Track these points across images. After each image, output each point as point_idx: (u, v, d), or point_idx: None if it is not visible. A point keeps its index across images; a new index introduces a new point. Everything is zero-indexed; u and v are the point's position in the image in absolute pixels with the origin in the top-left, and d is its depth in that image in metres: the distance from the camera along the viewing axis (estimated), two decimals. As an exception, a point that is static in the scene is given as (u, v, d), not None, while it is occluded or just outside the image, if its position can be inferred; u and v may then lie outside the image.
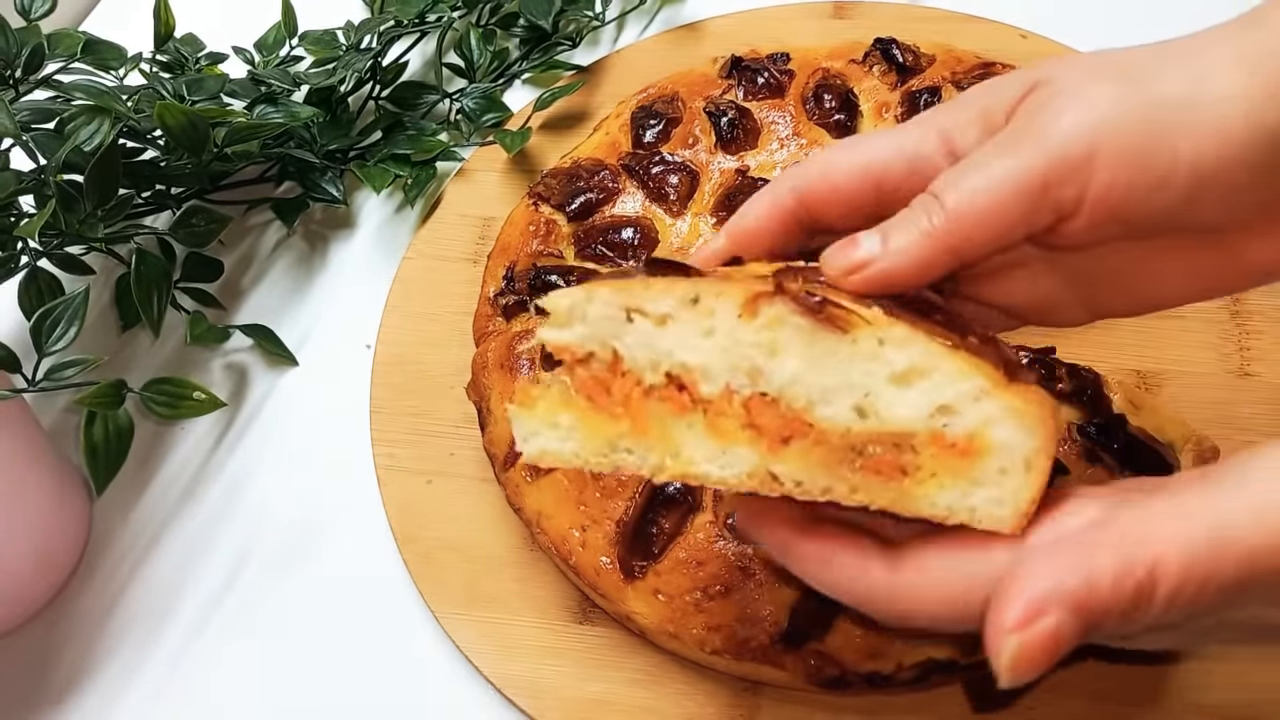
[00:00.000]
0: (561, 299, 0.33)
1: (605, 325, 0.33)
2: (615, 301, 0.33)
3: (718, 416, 0.33)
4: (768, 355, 0.32)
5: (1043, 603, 0.27)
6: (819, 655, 0.44)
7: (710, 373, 0.33)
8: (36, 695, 0.52)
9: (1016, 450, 0.31)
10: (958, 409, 0.31)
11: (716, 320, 0.32)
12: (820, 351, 0.32)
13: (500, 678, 0.49)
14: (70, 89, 0.58)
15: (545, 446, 0.34)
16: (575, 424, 0.34)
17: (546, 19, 0.71)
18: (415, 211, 0.66)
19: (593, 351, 0.34)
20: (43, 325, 0.52)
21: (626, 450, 0.34)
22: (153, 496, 0.58)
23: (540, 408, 0.34)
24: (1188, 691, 0.45)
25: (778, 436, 0.32)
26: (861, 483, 0.32)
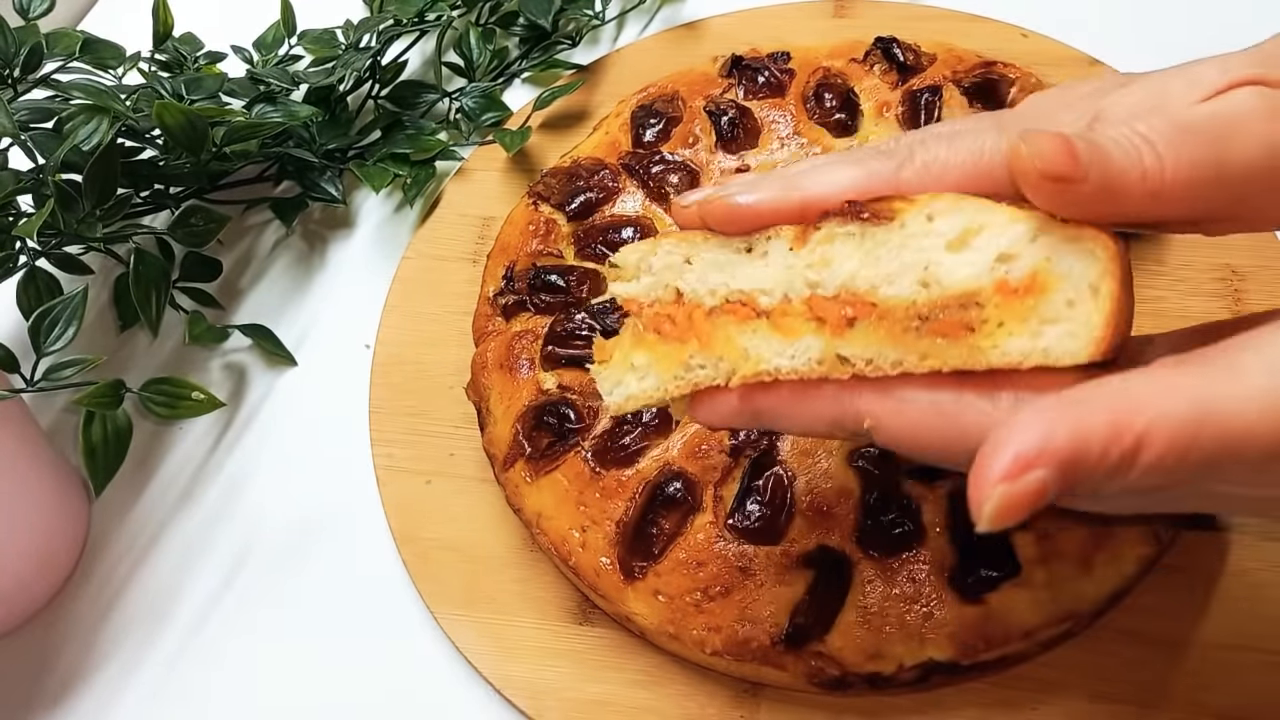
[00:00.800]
0: (630, 254, 0.36)
1: (668, 273, 0.36)
2: (678, 251, 0.36)
3: (781, 317, 0.34)
4: (822, 268, 0.33)
5: (1032, 458, 0.27)
6: (819, 656, 0.44)
7: (768, 290, 0.34)
8: (35, 696, 0.52)
9: (1080, 278, 0.31)
10: (1017, 253, 0.31)
11: (771, 258, 0.34)
12: (873, 246, 0.33)
13: (500, 678, 0.49)
14: (69, 88, 0.58)
15: (629, 391, 0.36)
16: (649, 360, 0.36)
17: (546, 18, 0.71)
18: (414, 211, 0.66)
19: (657, 296, 0.36)
20: (41, 325, 0.52)
21: (699, 366, 0.35)
22: (151, 496, 0.57)
23: (616, 356, 0.36)
24: (1188, 691, 0.45)
25: (841, 320, 0.33)
26: (931, 348, 0.32)
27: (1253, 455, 0.28)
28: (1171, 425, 0.28)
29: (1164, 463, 0.28)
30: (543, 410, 0.50)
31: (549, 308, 0.54)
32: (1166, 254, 0.56)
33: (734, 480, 0.47)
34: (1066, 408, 0.28)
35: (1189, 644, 0.46)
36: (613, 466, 0.48)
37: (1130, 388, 0.28)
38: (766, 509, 0.46)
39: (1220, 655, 0.46)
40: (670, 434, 0.49)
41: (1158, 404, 0.28)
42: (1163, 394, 0.28)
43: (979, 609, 0.44)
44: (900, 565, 0.45)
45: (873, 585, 0.45)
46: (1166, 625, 0.47)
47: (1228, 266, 0.55)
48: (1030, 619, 0.44)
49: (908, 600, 0.44)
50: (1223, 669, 0.45)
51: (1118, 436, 0.28)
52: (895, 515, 0.46)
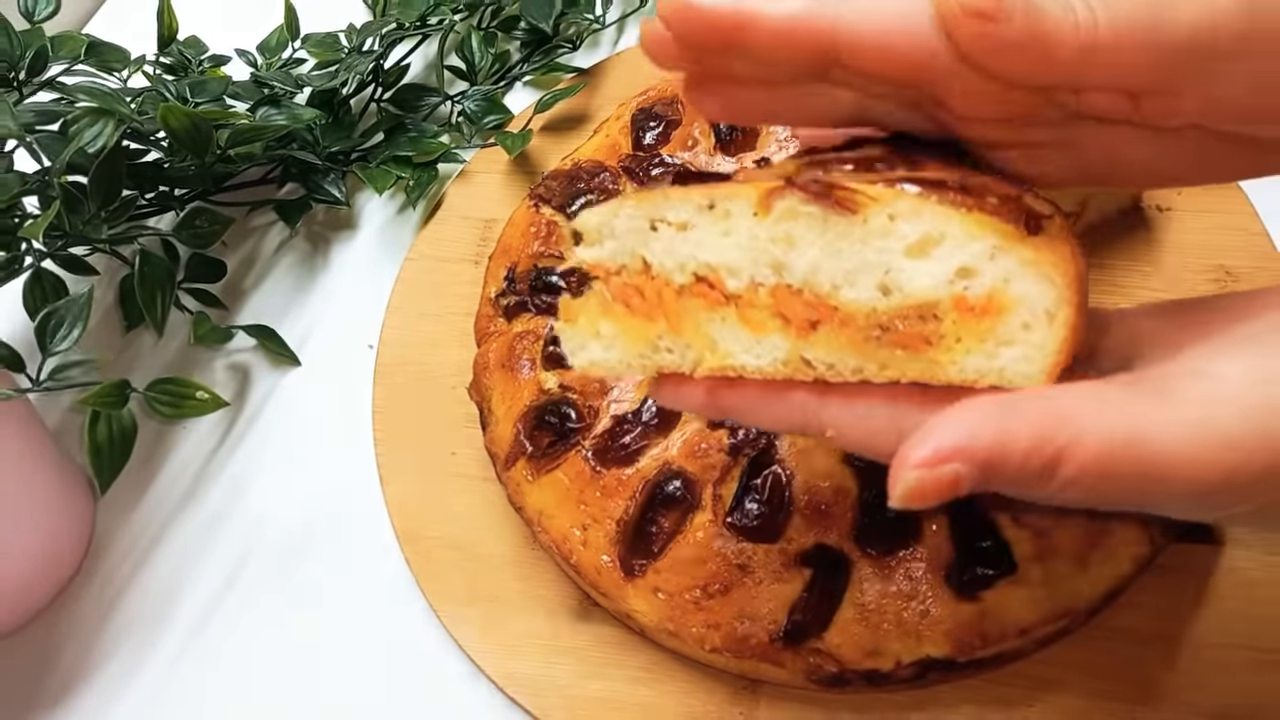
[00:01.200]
0: (591, 217, 0.35)
1: (632, 237, 0.35)
2: (639, 214, 0.35)
3: (748, 308, 0.34)
4: (786, 248, 0.33)
5: (951, 453, 0.28)
6: (817, 653, 0.45)
7: (734, 269, 0.34)
8: (38, 694, 0.52)
9: (1037, 302, 0.31)
10: (976, 270, 0.31)
11: (733, 221, 0.33)
12: (835, 237, 0.32)
13: (502, 676, 0.49)
14: (74, 91, 0.59)
15: (592, 357, 0.36)
16: (616, 332, 0.36)
17: (547, 22, 0.72)
18: (417, 213, 0.67)
19: (624, 264, 0.35)
20: (47, 325, 0.52)
21: (666, 350, 0.35)
22: (156, 495, 0.58)
23: (582, 320, 0.36)
24: (1188, 691, 0.45)
25: (806, 322, 0.33)
26: (890, 358, 0.33)
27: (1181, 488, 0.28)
28: (1094, 445, 0.28)
29: (1084, 480, 0.28)
30: (544, 410, 0.51)
31: (550, 309, 0.55)
32: (1160, 255, 0.57)
33: (733, 479, 0.47)
34: (995, 412, 0.29)
35: (1183, 642, 0.46)
36: (613, 465, 0.49)
37: (1061, 401, 0.29)
38: (765, 507, 0.47)
39: (1214, 653, 0.46)
40: (670, 433, 0.49)
41: (1083, 421, 0.28)
42: (1092, 412, 0.28)
43: (975, 607, 0.44)
44: (897, 563, 0.45)
45: (870, 583, 0.45)
46: (1161, 623, 0.47)
47: (1221, 267, 0.56)
48: (1026, 617, 0.44)
49: (905, 598, 0.44)
50: (1217, 667, 0.46)
51: (1039, 446, 0.28)
52: (892, 513, 0.46)
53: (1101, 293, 0.56)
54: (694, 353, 0.35)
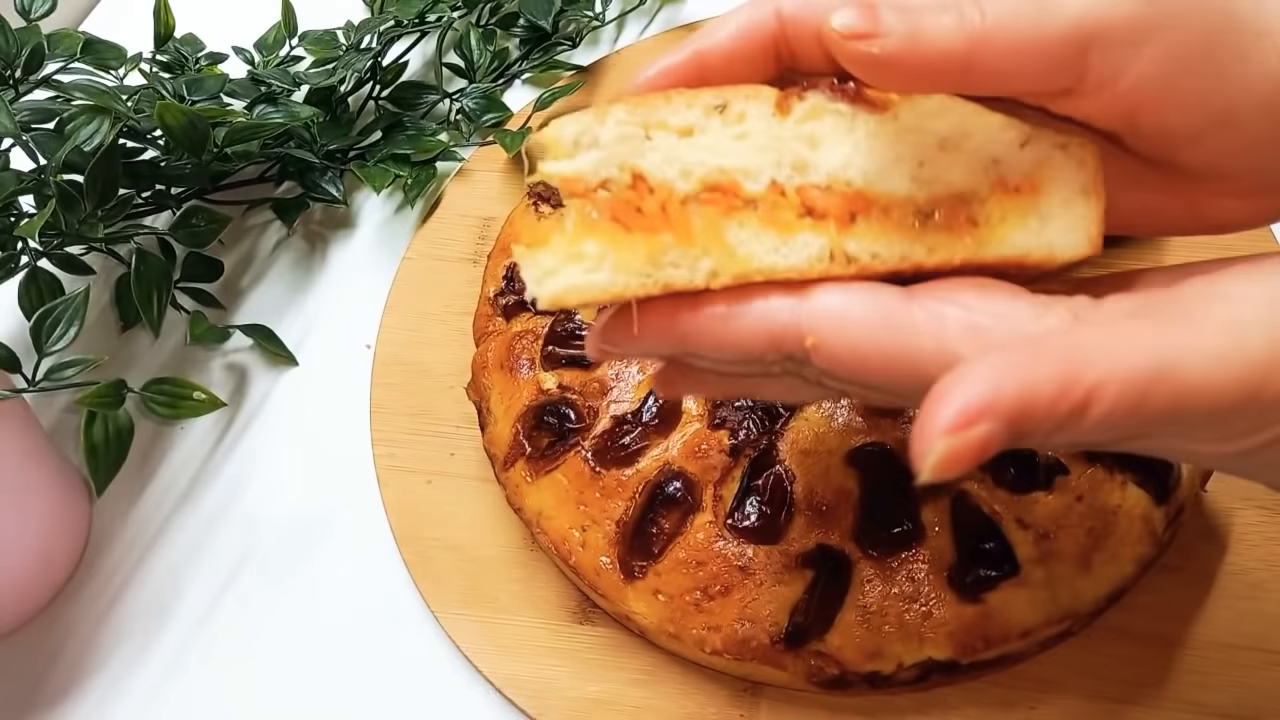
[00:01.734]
0: (567, 126, 0.30)
1: (623, 146, 0.30)
2: (633, 119, 0.30)
3: (771, 210, 0.31)
4: (810, 148, 0.31)
5: (979, 411, 0.27)
6: (819, 655, 0.44)
7: (752, 171, 0.31)
8: (35, 695, 0.52)
9: (1072, 181, 0.31)
10: (1009, 159, 0.31)
11: (749, 124, 0.30)
12: (864, 134, 0.31)
13: (500, 678, 0.49)
14: (70, 89, 0.58)
15: (571, 282, 0.30)
16: (604, 249, 0.30)
17: (546, 19, 0.71)
18: (415, 211, 0.66)
19: (608, 177, 0.30)
20: (43, 325, 0.52)
21: (673, 264, 0.30)
22: (152, 496, 0.58)
23: (556, 241, 0.30)
24: (1188, 691, 0.45)
25: (844, 215, 0.31)
26: (937, 241, 0.31)
27: (1210, 410, 0.27)
28: (1123, 379, 0.27)
29: (1114, 417, 0.27)
30: (543, 410, 0.51)
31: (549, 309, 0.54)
32: (1164, 255, 0.56)
33: (734, 480, 0.47)
34: (1013, 360, 0.27)
35: (1187, 643, 0.46)
36: (613, 466, 0.48)
37: (1083, 339, 0.28)
38: (766, 508, 0.46)
39: (1218, 654, 0.46)
40: (670, 434, 0.49)
41: (1110, 357, 0.27)
42: (1116, 346, 0.27)
43: (978, 608, 0.44)
44: (899, 565, 0.45)
45: (872, 584, 0.45)
46: (1165, 624, 0.47)
47: (1226, 267, 0.55)
48: (1029, 618, 0.44)
49: (907, 599, 0.44)
50: (1221, 668, 0.46)
51: (1066, 390, 0.27)
52: (894, 514, 0.46)
53: (1104, 292, 0.55)
54: (710, 261, 0.30)
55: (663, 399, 0.49)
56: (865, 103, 0.31)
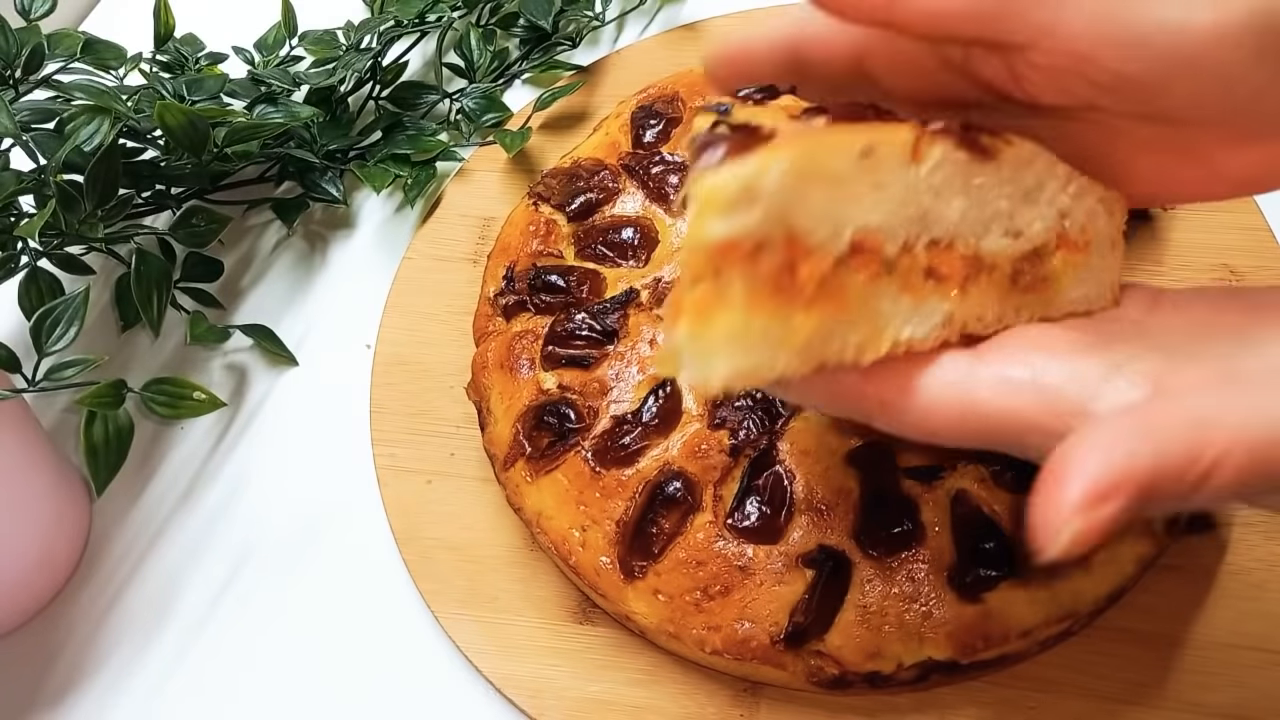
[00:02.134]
0: (730, 178, 0.25)
1: (784, 198, 0.26)
2: (795, 169, 0.26)
3: (906, 274, 0.29)
4: (934, 198, 0.29)
5: (1109, 488, 0.26)
6: (819, 655, 0.44)
7: (891, 229, 0.29)
8: (36, 695, 0.52)
9: (1105, 232, 0.33)
10: (1072, 212, 0.32)
11: (886, 174, 0.28)
12: (976, 184, 0.30)
13: (500, 678, 0.49)
14: (70, 89, 0.58)
15: (739, 364, 0.26)
16: (770, 325, 0.27)
17: (546, 19, 0.71)
18: (415, 211, 0.66)
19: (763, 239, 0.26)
20: (43, 325, 0.52)
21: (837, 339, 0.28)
22: (152, 497, 0.58)
23: (722, 321, 0.26)
24: (1188, 691, 0.45)
25: (961, 278, 0.30)
26: (1023, 301, 0.32)
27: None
28: (1247, 447, 0.27)
29: (1235, 485, 0.27)
30: (543, 410, 0.50)
31: (549, 308, 0.54)
32: (1164, 254, 0.56)
33: (733, 480, 0.47)
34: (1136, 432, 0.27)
35: (1188, 643, 0.46)
36: (613, 466, 0.48)
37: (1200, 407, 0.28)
38: (766, 508, 0.46)
39: (1219, 654, 0.46)
40: (670, 434, 0.49)
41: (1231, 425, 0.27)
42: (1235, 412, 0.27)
43: (978, 608, 0.44)
44: (899, 564, 0.45)
45: (872, 584, 0.45)
46: (1165, 624, 0.47)
47: (1225, 266, 0.55)
48: (1029, 618, 0.44)
49: (907, 599, 0.44)
50: (1222, 668, 0.45)
51: (1193, 463, 0.27)
52: (894, 515, 0.46)
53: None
54: (859, 334, 0.28)
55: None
56: (980, 151, 0.30)
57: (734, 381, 0.27)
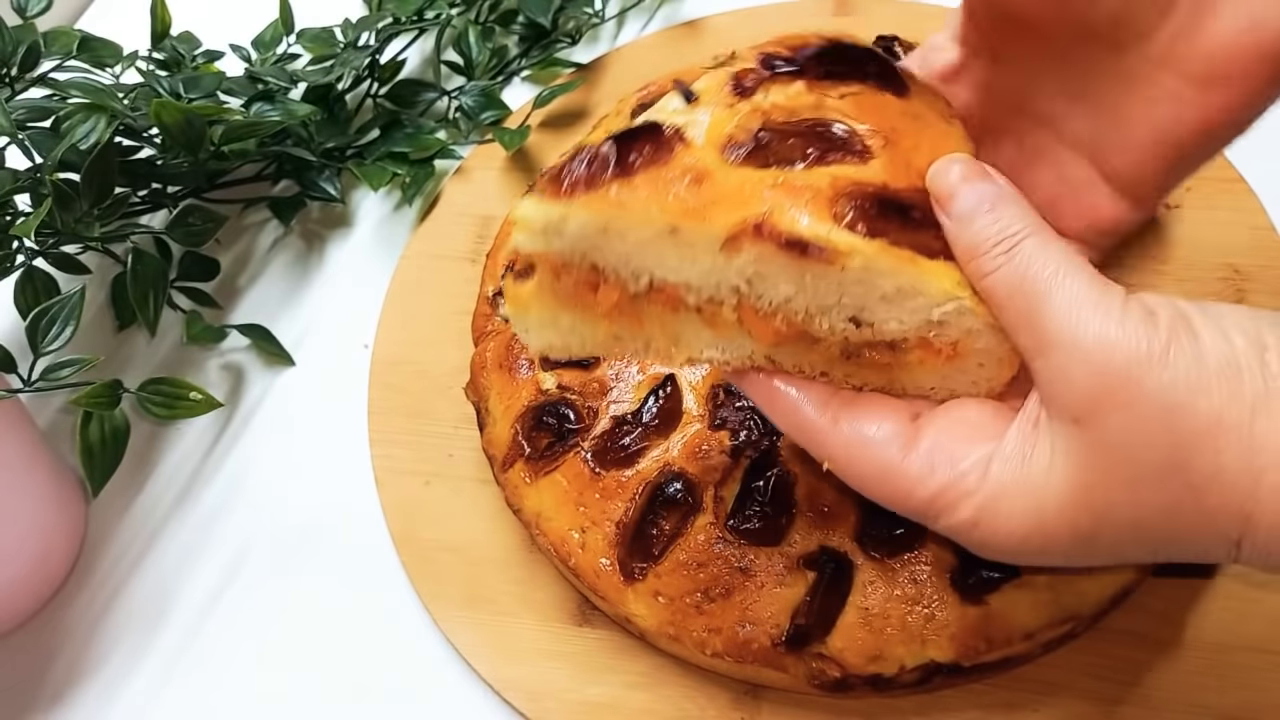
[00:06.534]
0: (536, 216, 0.33)
1: (582, 241, 0.34)
2: (592, 224, 0.33)
3: (713, 316, 0.35)
4: (756, 281, 0.34)
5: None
6: (820, 658, 0.44)
7: (695, 288, 0.34)
8: (33, 696, 0.51)
9: (994, 353, 0.35)
10: (945, 325, 0.34)
11: (697, 254, 0.34)
12: (810, 280, 0.34)
13: (499, 680, 0.48)
14: (66, 87, 0.58)
15: (550, 343, 0.36)
16: (574, 324, 0.36)
17: (546, 16, 0.71)
18: (413, 210, 0.66)
19: (570, 262, 0.34)
20: (38, 325, 0.52)
21: (629, 342, 0.36)
22: (149, 497, 0.57)
23: (535, 310, 0.35)
24: (1189, 692, 0.45)
25: (774, 335, 0.35)
26: (855, 371, 0.36)
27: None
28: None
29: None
30: (542, 410, 0.50)
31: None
32: (1170, 254, 0.56)
33: (734, 481, 0.47)
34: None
35: (1190, 645, 0.46)
36: (612, 467, 0.48)
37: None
38: (767, 510, 0.46)
39: (1221, 656, 0.46)
40: (670, 434, 0.48)
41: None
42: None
43: (981, 610, 0.44)
44: (902, 566, 0.45)
45: (874, 586, 0.44)
46: (1167, 626, 0.46)
47: (1230, 266, 0.55)
48: (1032, 620, 0.44)
49: (909, 601, 0.44)
50: (1224, 670, 0.45)
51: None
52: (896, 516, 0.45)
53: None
54: (656, 347, 0.36)
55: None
56: (812, 260, 0.33)
57: (551, 352, 0.36)
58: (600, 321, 0.35)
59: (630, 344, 0.36)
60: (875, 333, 0.34)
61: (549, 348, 0.36)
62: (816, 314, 0.34)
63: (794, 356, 0.35)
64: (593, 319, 0.35)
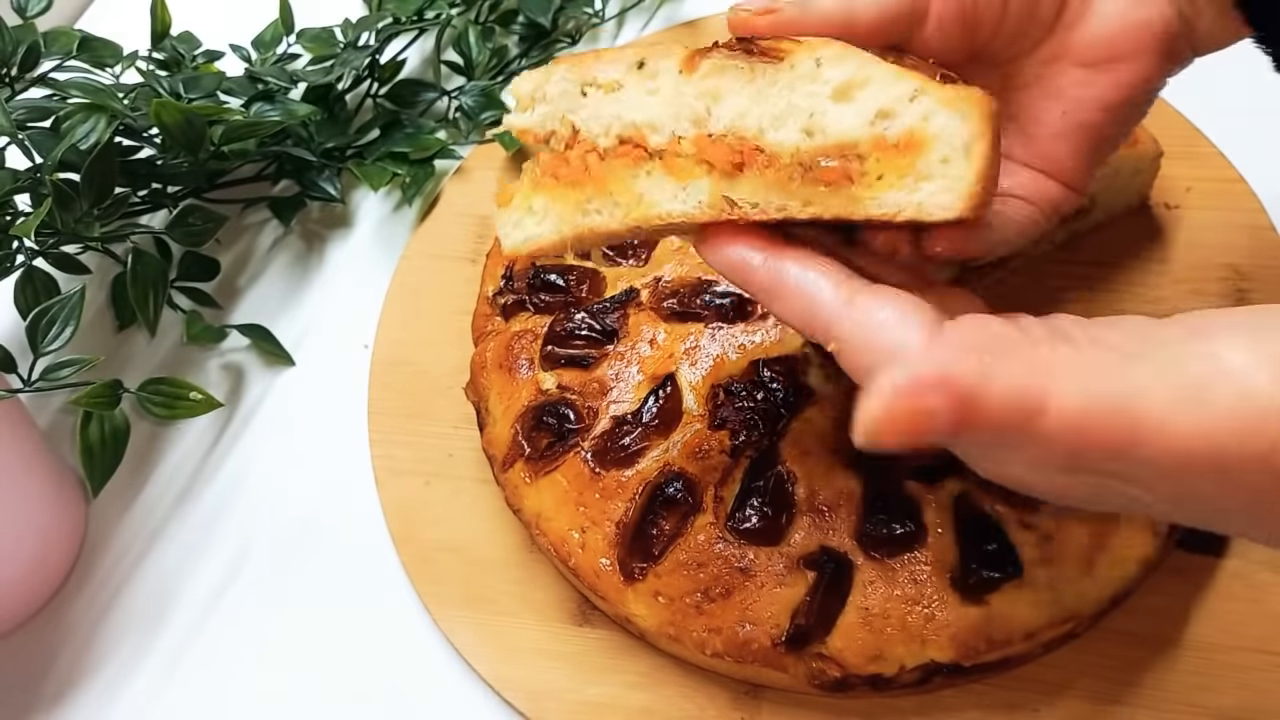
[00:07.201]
0: (524, 83, 0.37)
1: (563, 100, 0.37)
2: (571, 76, 0.36)
3: (672, 159, 0.35)
4: (711, 101, 0.35)
5: (933, 382, 0.26)
6: (820, 658, 0.44)
7: (658, 125, 0.36)
8: (33, 697, 0.51)
9: (955, 137, 0.32)
10: (896, 112, 0.33)
11: (660, 80, 0.35)
12: (762, 85, 0.34)
13: (499, 680, 0.48)
14: (66, 87, 0.58)
15: (527, 233, 0.38)
16: (547, 203, 0.37)
17: (546, 16, 0.71)
18: (413, 210, 0.66)
19: (553, 130, 0.37)
20: (39, 325, 0.52)
21: (596, 211, 0.36)
22: (149, 497, 0.57)
23: (517, 200, 0.38)
24: (1189, 692, 0.45)
25: (730, 164, 0.34)
26: (813, 195, 0.34)
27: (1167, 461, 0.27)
28: (1079, 398, 0.27)
29: (1063, 437, 0.27)
30: (542, 410, 0.50)
31: (548, 307, 0.54)
32: (1170, 253, 0.56)
33: (734, 481, 0.47)
34: (978, 349, 0.28)
35: (1190, 645, 0.46)
36: (612, 467, 0.48)
37: (1053, 355, 0.28)
38: (767, 510, 0.46)
39: (1221, 656, 0.46)
40: (670, 434, 0.48)
41: (1072, 375, 0.27)
42: (1080, 367, 0.27)
43: (981, 610, 0.44)
44: (902, 566, 0.45)
45: (874, 586, 0.44)
46: (1168, 627, 0.46)
47: (1230, 266, 0.55)
48: (1032, 620, 0.44)
49: (909, 601, 0.44)
50: (1224, 670, 0.45)
51: (1022, 392, 0.27)
52: (897, 516, 0.45)
53: (1111, 291, 0.55)
54: (621, 208, 0.36)
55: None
56: (760, 54, 0.34)
57: (528, 247, 0.38)
58: (569, 191, 0.37)
59: (598, 209, 0.36)
60: (828, 137, 0.34)
61: (525, 239, 0.38)
62: (769, 128, 0.34)
63: (750, 187, 0.34)
64: (563, 192, 0.37)
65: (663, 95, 0.35)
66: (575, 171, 0.37)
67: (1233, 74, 0.45)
